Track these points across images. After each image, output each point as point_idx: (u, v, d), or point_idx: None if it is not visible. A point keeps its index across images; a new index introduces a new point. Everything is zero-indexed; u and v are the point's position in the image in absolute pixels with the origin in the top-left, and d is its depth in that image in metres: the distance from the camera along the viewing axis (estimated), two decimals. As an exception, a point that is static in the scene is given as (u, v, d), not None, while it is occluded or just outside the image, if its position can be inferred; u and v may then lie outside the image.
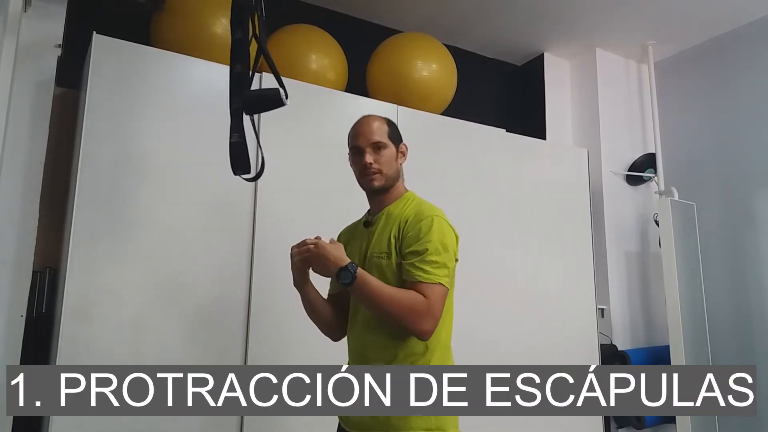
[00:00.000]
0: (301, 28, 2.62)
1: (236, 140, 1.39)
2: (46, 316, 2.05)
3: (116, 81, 1.95)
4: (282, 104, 1.43)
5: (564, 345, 2.84)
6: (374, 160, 1.47)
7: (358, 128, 1.52)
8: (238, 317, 2.04)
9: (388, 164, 1.48)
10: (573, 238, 3.01)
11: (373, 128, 1.49)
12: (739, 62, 3.24)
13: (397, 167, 1.52)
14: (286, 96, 1.43)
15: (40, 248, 2.01)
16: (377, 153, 1.48)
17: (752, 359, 3.01)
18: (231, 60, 1.41)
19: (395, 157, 1.51)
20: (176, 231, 1.98)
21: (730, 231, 3.18)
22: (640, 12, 3.09)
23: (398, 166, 1.53)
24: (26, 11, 1.96)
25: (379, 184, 1.48)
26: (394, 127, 1.56)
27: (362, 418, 1.37)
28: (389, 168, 1.49)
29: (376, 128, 1.49)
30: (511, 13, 3.12)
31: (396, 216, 1.47)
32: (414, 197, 1.53)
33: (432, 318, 1.32)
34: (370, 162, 1.46)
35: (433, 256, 1.35)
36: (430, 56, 2.75)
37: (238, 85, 1.41)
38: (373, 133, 1.48)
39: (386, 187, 1.50)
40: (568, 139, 3.58)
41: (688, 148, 3.42)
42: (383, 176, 1.48)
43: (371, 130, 1.49)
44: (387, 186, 1.50)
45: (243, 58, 1.40)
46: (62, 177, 2.15)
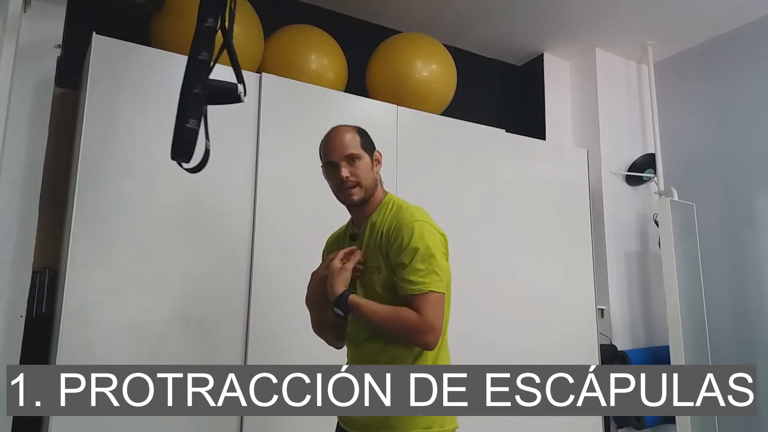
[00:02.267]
0: (301, 28, 2.62)
1: (192, 126, 1.32)
2: (45, 316, 2.05)
3: (116, 81, 1.95)
4: (239, 100, 1.40)
5: (564, 345, 2.84)
6: (350, 173, 1.43)
7: (329, 143, 1.47)
8: (238, 317, 2.04)
9: (365, 175, 1.45)
10: (573, 239, 3.01)
11: (345, 141, 1.44)
12: (739, 62, 3.24)
13: (374, 176, 1.48)
14: (245, 93, 1.40)
15: (39, 248, 2.01)
16: (352, 165, 1.43)
17: (752, 359, 3.01)
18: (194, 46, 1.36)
19: (371, 167, 1.47)
20: (176, 231, 1.98)
21: (730, 231, 3.18)
22: (640, 12, 3.09)
23: (375, 174, 1.49)
24: (26, 11, 1.96)
25: (358, 197, 1.45)
26: (366, 135, 1.51)
27: (361, 417, 1.38)
28: (366, 179, 1.45)
29: (349, 140, 1.45)
30: (511, 13, 3.12)
31: (379, 225, 1.45)
32: (393, 200, 1.50)
33: (429, 329, 1.31)
34: (346, 176, 1.42)
35: (418, 264, 1.33)
36: (429, 56, 2.75)
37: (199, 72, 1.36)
38: (346, 147, 1.44)
39: (365, 199, 1.47)
40: (567, 140, 3.58)
41: (688, 148, 3.42)
42: (362, 188, 1.45)
43: (343, 144, 1.44)
44: (366, 197, 1.47)
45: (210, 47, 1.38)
46: (62, 177, 2.15)
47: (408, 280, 1.33)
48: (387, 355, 1.38)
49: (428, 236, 1.37)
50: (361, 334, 1.44)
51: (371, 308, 1.35)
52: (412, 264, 1.33)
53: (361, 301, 1.37)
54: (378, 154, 1.52)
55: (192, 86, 1.34)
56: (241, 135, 2.16)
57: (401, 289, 1.35)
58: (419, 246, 1.34)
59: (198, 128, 1.35)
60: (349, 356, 1.54)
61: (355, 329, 1.47)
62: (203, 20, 1.36)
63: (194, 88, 1.33)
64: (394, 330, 1.33)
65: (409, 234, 1.35)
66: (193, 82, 1.34)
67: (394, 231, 1.38)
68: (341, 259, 1.43)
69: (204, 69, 1.35)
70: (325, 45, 2.61)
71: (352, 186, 1.44)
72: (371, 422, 1.36)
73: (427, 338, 1.31)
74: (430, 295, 1.33)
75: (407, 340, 1.34)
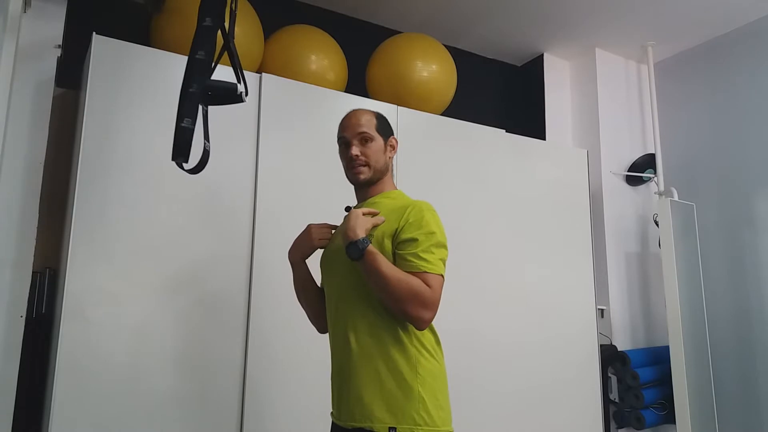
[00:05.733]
0: (301, 28, 2.62)
1: (187, 125, 1.32)
2: (45, 316, 2.05)
3: (116, 81, 1.95)
4: (240, 101, 1.40)
5: (564, 345, 2.84)
6: (361, 152, 1.45)
7: (346, 121, 1.51)
8: (238, 317, 2.04)
9: (375, 156, 1.47)
10: (573, 239, 3.01)
11: (360, 120, 1.48)
12: (739, 63, 3.24)
13: (386, 160, 1.50)
14: (246, 93, 1.40)
15: (39, 248, 2.01)
16: (364, 145, 1.46)
17: (752, 359, 3.01)
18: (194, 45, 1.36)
19: (383, 150, 1.49)
20: (176, 231, 1.98)
21: (730, 231, 3.18)
22: (639, 12, 3.09)
23: (386, 159, 1.50)
24: (26, 12, 1.96)
25: (365, 176, 1.47)
26: (384, 120, 1.53)
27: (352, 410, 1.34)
28: (377, 161, 1.47)
29: (364, 121, 1.48)
30: (510, 13, 3.12)
31: (379, 207, 1.44)
32: (402, 194, 1.52)
33: (433, 308, 1.31)
34: (356, 154, 1.45)
35: (433, 248, 1.34)
36: (429, 57, 2.75)
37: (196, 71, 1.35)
38: (360, 125, 1.47)
39: (373, 180, 1.49)
40: (567, 140, 3.58)
41: (688, 148, 3.42)
42: (370, 169, 1.47)
43: (359, 122, 1.48)
44: (374, 179, 1.48)
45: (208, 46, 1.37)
46: (62, 177, 2.15)
47: (422, 258, 1.33)
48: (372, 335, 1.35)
49: (441, 229, 1.39)
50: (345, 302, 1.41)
51: (386, 263, 1.31)
52: (428, 244, 1.34)
53: (377, 251, 1.32)
54: (393, 140, 1.54)
55: (189, 85, 1.33)
56: (241, 135, 2.16)
57: (411, 265, 1.32)
58: (435, 231, 1.36)
59: (193, 127, 1.33)
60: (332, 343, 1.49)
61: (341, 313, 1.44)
62: (202, 19, 1.36)
63: (191, 87, 1.33)
64: (400, 292, 1.28)
65: (427, 217, 1.37)
66: (190, 82, 1.33)
67: (410, 210, 1.38)
68: (364, 212, 1.40)
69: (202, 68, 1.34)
70: (325, 45, 2.61)
71: (361, 164, 1.46)
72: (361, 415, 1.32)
73: (428, 313, 1.30)
74: (440, 279, 1.34)
75: (407, 308, 1.29)
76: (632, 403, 3.00)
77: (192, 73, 1.34)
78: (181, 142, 1.33)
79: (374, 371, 1.32)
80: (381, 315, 1.35)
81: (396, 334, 1.34)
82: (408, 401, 1.29)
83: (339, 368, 1.41)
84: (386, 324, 1.35)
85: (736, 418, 3.02)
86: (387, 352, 1.33)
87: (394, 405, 1.29)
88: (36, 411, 1.98)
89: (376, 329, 1.35)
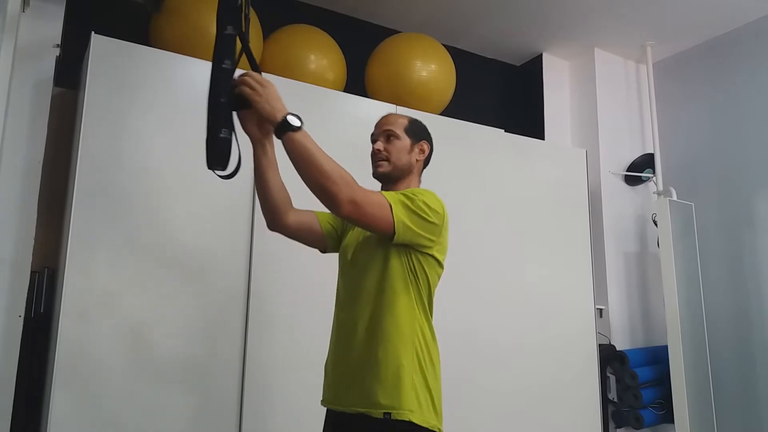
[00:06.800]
0: (300, 28, 2.62)
1: (226, 135, 1.36)
2: (44, 316, 2.05)
3: (115, 81, 1.95)
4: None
5: (562, 345, 2.84)
6: (383, 148, 1.50)
7: (378, 121, 1.57)
8: (238, 317, 2.04)
9: (397, 154, 1.50)
10: (571, 239, 3.01)
11: (389, 119, 1.55)
12: (738, 63, 3.24)
13: (410, 160, 1.53)
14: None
15: (38, 248, 2.01)
16: (388, 142, 1.51)
17: (750, 359, 3.01)
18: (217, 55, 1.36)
19: (407, 150, 1.52)
20: (175, 231, 1.98)
21: (729, 231, 3.18)
22: (638, 12, 3.09)
23: (411, 159, 1.53)
24: (25, 11, 1.96)
25: (383, 170, 1.50)
26: (418, 125, 1.57)
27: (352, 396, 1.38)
28: (398, 158, 1.50)
29: (393, 120, 1.54)
30: (510, 13, 3.12)
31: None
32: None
33: (353, 195, 1.27)
34: (378, 149, 1.50)
35: (405, 200, 1.36)
36: (429, 56, 2.75)
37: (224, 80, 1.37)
38: (388, 124, 1.53)
39: (392, 177, 1.51)
40: (566, 140, 3.58)
41: (687, 148, 3.43)
42: (390, 164, 1.50)
43: (387, 122, 1.54)
44: (393, 175, 1.51)
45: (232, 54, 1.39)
46: (61, 177, 2.15)
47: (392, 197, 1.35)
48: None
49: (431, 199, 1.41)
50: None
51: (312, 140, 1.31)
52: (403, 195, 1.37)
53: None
54: (425, 145, 1.56)
55: (219, 95, 1.35)
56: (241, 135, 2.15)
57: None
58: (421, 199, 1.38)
59: (231, 137, 1.37)
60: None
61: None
62: (223, 28, 1.37)
63: (222, 97, 1.35)
64: (321, 165, 1.28)
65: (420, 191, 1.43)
66: (219, 92, 1.35)
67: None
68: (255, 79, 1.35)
69: (228, 77, 1.36)
70: (325, 45, 2.61)
71: (381, 159, 1.50)
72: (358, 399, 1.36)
73: (342, 191, 1.26)
74: (384, 199, 1.33)
75: (324, 183, 1.27)
76: (631, 402, 3.00)
77: (219, 83, 1.36)
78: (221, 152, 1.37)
79: (376, 360, 1.36)
80: (391, 309, 1.39)
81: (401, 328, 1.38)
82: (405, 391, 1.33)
83: (341, 355, 1.45)
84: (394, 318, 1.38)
85: (735, 417, 3.02)
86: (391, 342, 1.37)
87: (392, 393, 1.33)
88: (34, 410, 1.98)
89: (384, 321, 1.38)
